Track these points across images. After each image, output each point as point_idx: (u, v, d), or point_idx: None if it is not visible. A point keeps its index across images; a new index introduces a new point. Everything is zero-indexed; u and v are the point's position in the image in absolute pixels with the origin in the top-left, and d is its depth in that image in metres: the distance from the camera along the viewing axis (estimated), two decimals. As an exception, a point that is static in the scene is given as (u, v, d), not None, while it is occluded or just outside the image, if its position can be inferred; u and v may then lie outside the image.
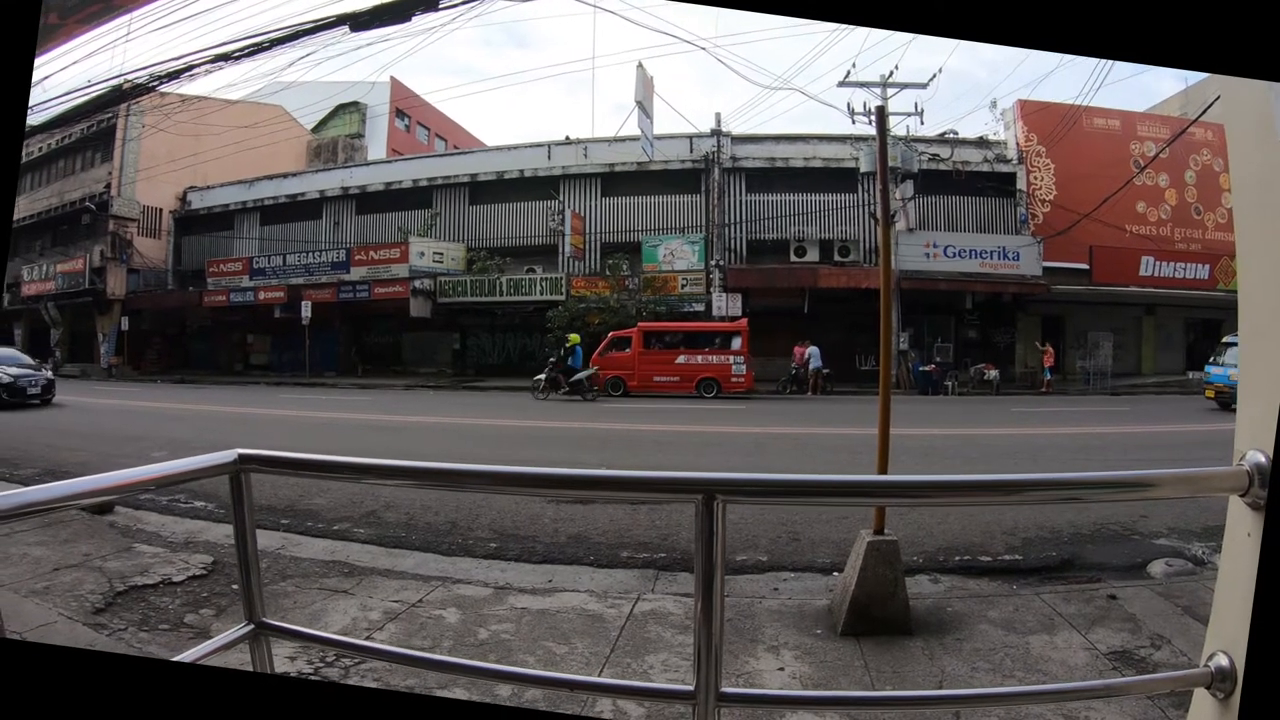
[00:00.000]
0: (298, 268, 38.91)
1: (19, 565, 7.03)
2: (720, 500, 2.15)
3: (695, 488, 2.23)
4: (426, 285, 35.76)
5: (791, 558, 7.79)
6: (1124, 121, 35.05)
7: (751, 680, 5.00)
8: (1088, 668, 5.10)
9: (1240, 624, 1.99)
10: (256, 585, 2.92)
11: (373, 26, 11.58)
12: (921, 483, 2.65)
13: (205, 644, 2.84)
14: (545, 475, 2.90)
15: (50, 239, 46.19)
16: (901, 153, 29.26)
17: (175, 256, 46.02)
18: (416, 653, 4.12)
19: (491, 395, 26.94)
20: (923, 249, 31.71)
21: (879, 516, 6.08)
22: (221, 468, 2.78)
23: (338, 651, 5.08)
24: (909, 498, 2.87)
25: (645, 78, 31.89)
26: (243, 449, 2.80)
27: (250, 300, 39.14)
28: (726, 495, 2.19)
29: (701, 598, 2.19)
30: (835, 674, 5.14)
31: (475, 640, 5.75)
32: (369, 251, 37.49)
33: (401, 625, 6.05)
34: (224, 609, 6.45)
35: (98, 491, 2.87)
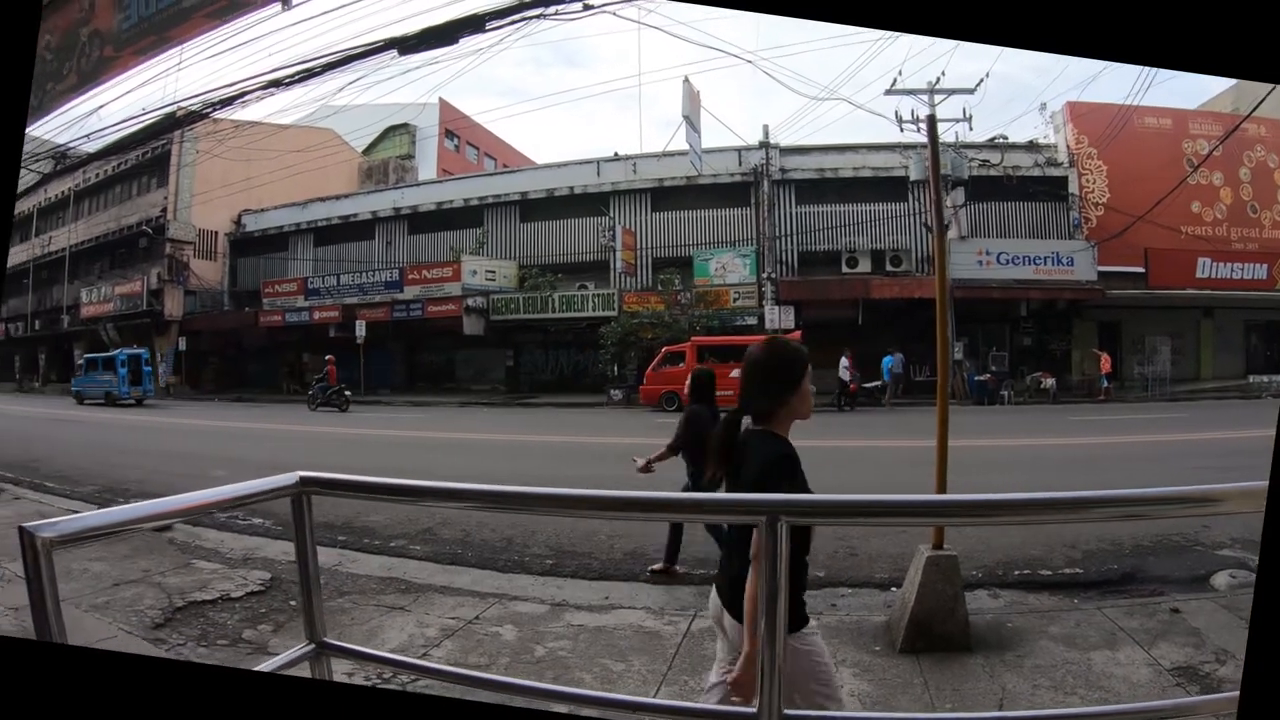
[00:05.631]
0: (351, 287, 39.27)
1: (79, 580, 7.13)
2: (784, 521, 2.14)
3: (760, 509, 2.23)
4: (479, 303, 35.87)
5: (849, 573, 7.75)
6: (1175, 120, 34.48)
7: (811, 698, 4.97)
8: (1151, 685, 5.01)
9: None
10: (318, 605, 2.96)
11: (420, 50, 11.69)
12: (984, 502, 2.62)
13: (268, 662, 2.88)
14: (612, 498, 2.90)
15: (108, 262, 46.91)
16: (951, 159, 28.99)
17: (231, 278, 46.55)
18: (473, 672, 4.12)
19: (546, 411, 27.02)
20: (975, 257, 31.37)
21: (938, 532, 6.03)
22: (284, 490, 2.82)
23: (394, 670, 5.11)
24: (971, 517, 2.84)
25: (692, 92, 31.88)
26: (304, 471, 2.83)
27: (305, 320, 39.60)
28: (790, 516, 2.18)
29: (765, 617, 2.18)
30: (894, 692, 5.10)
31: (532, 657, 5.77)
32: (422, 271, 37.73)
33: (458, 642, 6.08)
34: (281, 625, 6.50)
35: (166, 515, 2.93)
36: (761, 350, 3.36)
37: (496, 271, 37.48)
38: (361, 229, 43.41)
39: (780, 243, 34.70)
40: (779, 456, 3.10)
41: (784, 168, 35.20)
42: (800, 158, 35.48)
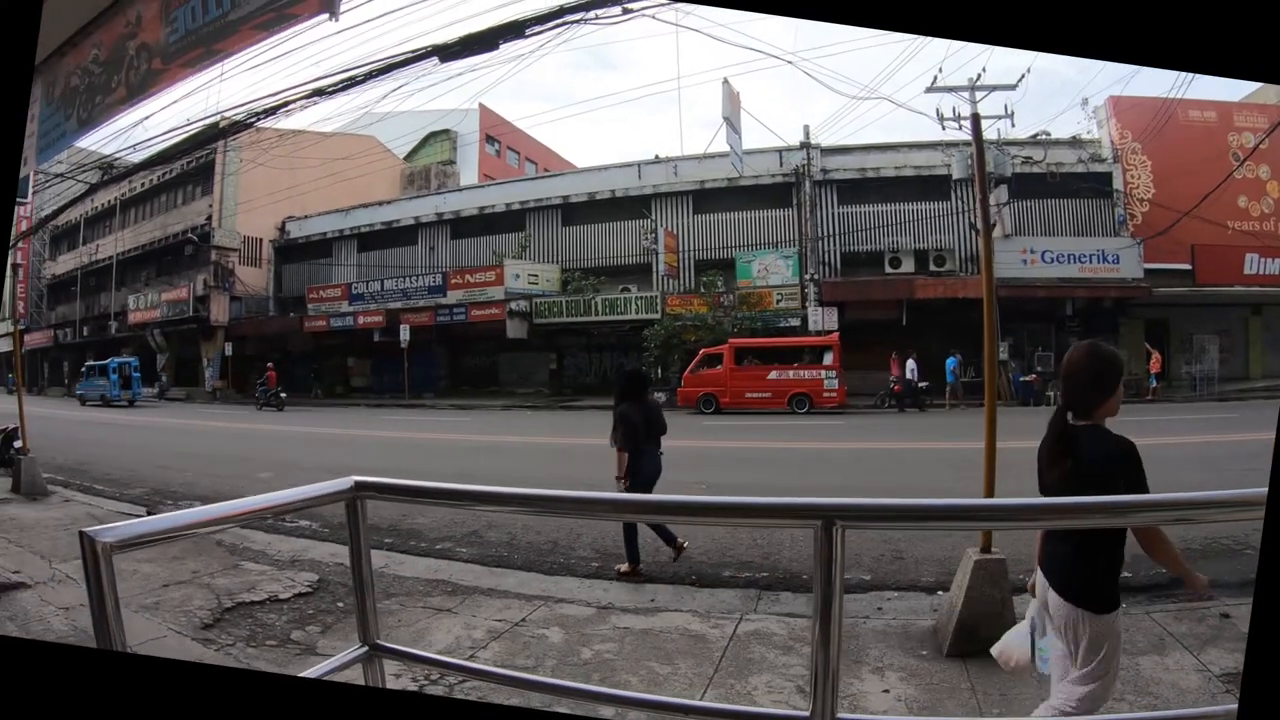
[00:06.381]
0: (395, 292, 39.62)
1: (129, 581, 7.24)
2: (840, 525, 2.15)
3: (814, 513, 2.24)
4: (522, 307, 35.94)
5: (895, 577, 7.73)
6: (1220, 113, 33.84)
7: (856, 703, 4.96)
8: (1200, 691, 4.97)
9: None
10: (371, 608, 3.00)
11: (462, 56, 11.71)
12: (1034, 505, 2.63)
13: (323, 664, 2.92)
14: (666, 502, 2.94)
15: (155, 269, 47.55)
16: (994, 157, 28.69)
17: (276, 284, 47.14)
18: (521, 674, 4.15)
19: (590, 414, 27.01)
20: (1019, 255, 31.07)
21: (985, 535, 6.01)
22: (339, 494, 2.85)
23: (442, 671, 5.15)
24: (1024, 520, 2.83)
25: (732, 93, 31.80)
26: (358, 476, 2.87)
27: (350, 325, 39.87)
28: (846, 521, 2.19)
29: (819, 622, 2.19)
30: (942, 696, 5.09)
31: (579, 660, 5.80)
32: (465, 275, 37.97)
33: (505, 644, 6.12)
34: (329, 626, 6.58)
35: (223, 520, 2.97)
36: (1085, 354, 3.73)
37: (539, 275, 37.57)
38: (404, 234, 43.65)
39: (822, 243, 34.55)
40: (1123, 453, 3.47)
41: (825, 168, 35.02)
42: (842, 158, 35.29)
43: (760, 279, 34.08)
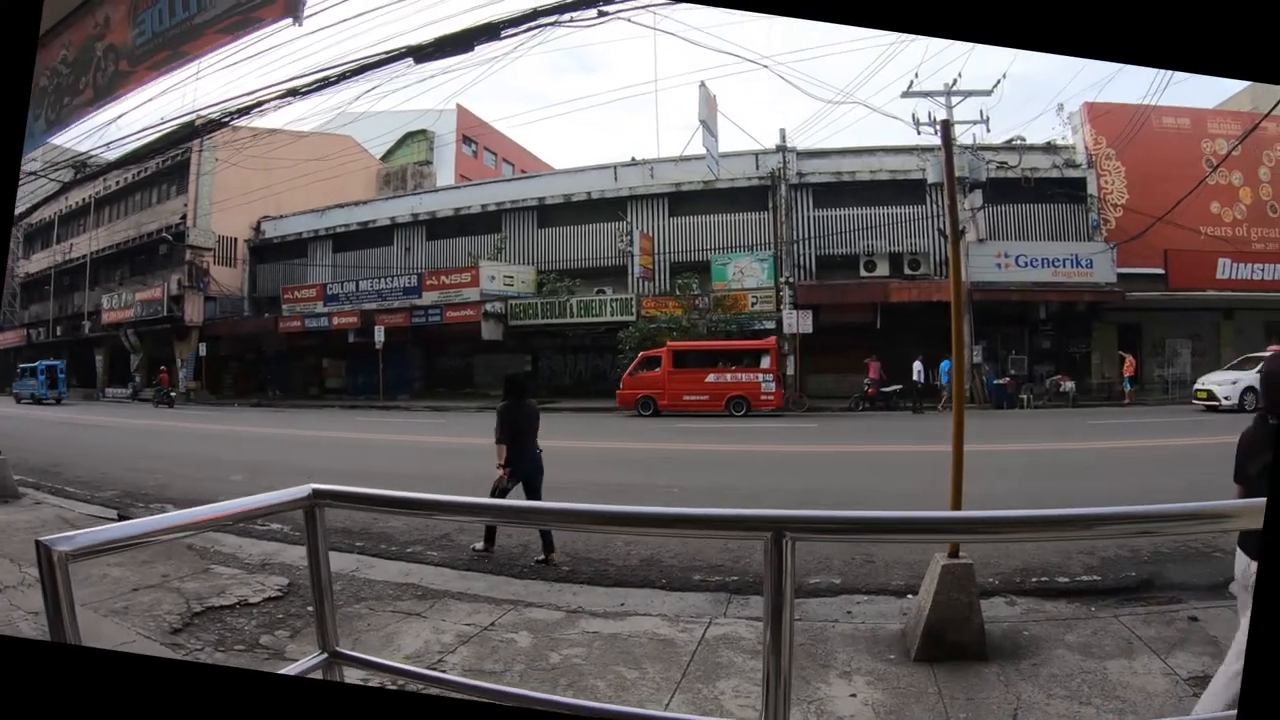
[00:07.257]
0: (370, 293, 39.48)
1: (98, 585, 7.20)
2: (789, 538, 2.15)
3: (764, 525, 2.24)
4: (498, 308, 35.90)
5: (865, 580, 7.73)
6: (1194, 120, 34.19)
7: (823, 707, 4.97)
8: (1167, 695, 5.00)
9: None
10: (330, 615, 2.99)
11: (436, 57, 11.74)
12: (995, 518, 2.62)
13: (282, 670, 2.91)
14: (617, 513, 2.92)
15: (129, 269, 47.32)
16: (969, 162, 28.91)
17: (251, 284, 46.93)
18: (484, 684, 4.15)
19: (565, 416, 27.01)
20: (993, 259, 31.21)
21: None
22: (296, 503, 2.85)
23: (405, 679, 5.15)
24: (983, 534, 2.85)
25: (708, 97, 31.85)
26: (316, 484, 2.87)
27: (325, 326, 39.78)
28: (796, 533, 2.19)
29: (770, 632, 2.19)
30: (908, 701, 5.10)
31: (547, 665, 5.79)
32: (440, 276, 37.86)
33: (473, 649, 6.11)
34: (298, 630, 6.57)
35: (180, 528, 2.98)
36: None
37: (515, 277, 37.53)
38: (380, 235, 43.58)
39: (798, 246, 34.63)
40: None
41: (801, 171, 35.10)
42: (817, 161, 35.38)
43: (735, 282, 34.10)
